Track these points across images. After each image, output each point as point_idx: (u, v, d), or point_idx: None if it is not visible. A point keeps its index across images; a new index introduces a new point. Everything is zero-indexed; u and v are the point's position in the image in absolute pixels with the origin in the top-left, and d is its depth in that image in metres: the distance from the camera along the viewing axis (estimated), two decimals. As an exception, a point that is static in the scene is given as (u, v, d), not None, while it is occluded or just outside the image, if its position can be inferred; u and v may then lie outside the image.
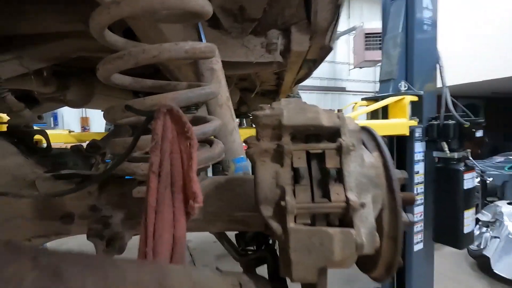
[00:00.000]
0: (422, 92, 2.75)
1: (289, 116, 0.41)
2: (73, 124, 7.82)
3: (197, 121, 0.70)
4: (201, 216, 0.59)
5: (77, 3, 1.03)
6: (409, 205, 0.56)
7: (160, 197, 0.32)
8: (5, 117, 1.08)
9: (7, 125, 0.72)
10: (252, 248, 0.71)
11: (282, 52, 1.36)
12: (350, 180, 0.41)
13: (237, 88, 2.63)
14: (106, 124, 3.59)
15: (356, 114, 2.64)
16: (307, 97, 10.88)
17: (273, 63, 1.36)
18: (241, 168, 0.78)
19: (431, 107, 2.80)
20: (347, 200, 0.40)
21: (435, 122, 2.68)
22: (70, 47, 1.03)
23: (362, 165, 0.44)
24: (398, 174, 0.48)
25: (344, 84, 11.96)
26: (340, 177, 0.42)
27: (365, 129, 0.54)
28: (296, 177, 0.40)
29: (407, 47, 2.83)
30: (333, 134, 0.44)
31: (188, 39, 1.19)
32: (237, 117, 3.84)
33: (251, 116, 3.91)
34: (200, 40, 0.86)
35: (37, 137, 0.83)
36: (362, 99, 3.06)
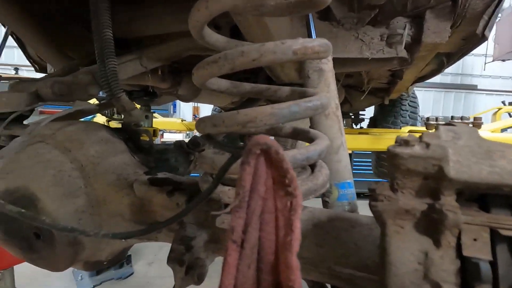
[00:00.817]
0: None
1: (459, 165, 0.24)
2: (187, 112, 9.01)
3: (296, 135, 0.58)
4: (292, 260, 0.46)
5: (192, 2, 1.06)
6: None
7: (240, 279, 0.21)
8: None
9: (121, 122, 0.76)
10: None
11: (409, 45, 1.09)
12: None
13: (342, 86, 2.39)
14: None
15: (503, 125, 2.02)
16: (422, 95, 9.36)
17: (394, 59, 1.11)
18: (346, 196, 0.62)
19: None
20: None
21: None
22: (182, 47, 1.06)
23: None
24: None
25: (475, 81, 9.69)
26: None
27: None
28: (467, 273, 0.23)
29: None
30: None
31: (295, 35, 1.07)
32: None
33: (352, 116, 3.55)
34: (310, 35, 0.73)
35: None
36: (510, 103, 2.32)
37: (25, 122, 0.82)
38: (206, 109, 8.12)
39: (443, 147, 0.26)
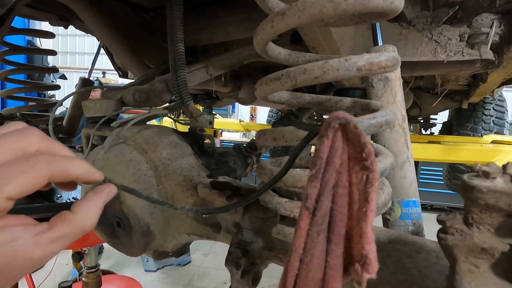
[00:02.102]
0: None
1: (554, 205, 0.21)
2: (245, 112, 9.29)
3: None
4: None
5: (254, 12, 1.09)
6: None
7: (309, 243, 0.22)
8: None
9: (188, 127, 0.84)
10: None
11: (496, 45, 0.95)
12: None
13: (410, 89, 2.19)
14: (268, 116, 3.96)
15: None
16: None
17: (476, 61, 0.98)
18: (410, 216, 0.58)
19: None
20: None
21: None
22: (244, 54, 1.11)
23: None
24: None
25: None
26: None
27: None
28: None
29: None
30: None
31: (358, 39, 1.03)
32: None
33: (422, 120, 3.21)
34: (376, 41, 0.69)
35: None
36: None
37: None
38: (263, 110, 8.26)
39: (532, 183, 0.22)
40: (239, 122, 3.40)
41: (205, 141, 0.83)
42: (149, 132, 0.76)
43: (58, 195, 1.32)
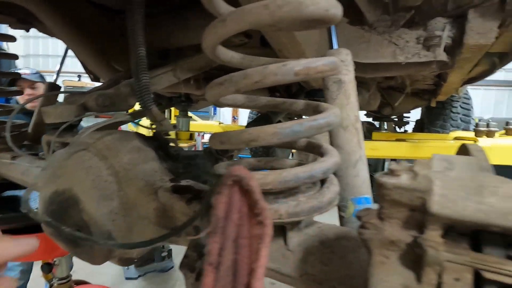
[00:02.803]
0: None
1: (444, 199, 0.23)
2: (227, 114, 9.27)
3: (311, 149, 0.58)
4: (296, 274, 0.47)
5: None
6: None
7: None
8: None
9: (153, 131, 0.83)
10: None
11: (449, 48, 1.00)
12: None
13: (381, 87, 2.26)
14: (248, 117, 3.98)
15: None
16: (481, 95, 8.44)
17: (432, 63, 1.03)
18: (364, 212, 0.60)
19: None
20: None
21: None
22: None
23: None
24: None
25: (548, 77, 8.44)
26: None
27: None
28: (446, 314, 0.22)
29: None
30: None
31: (323, 42, 1.06)
32: (376, 120, 3.38)
33: (395, 118, 3.33)
34: (331, 44, 0.72)
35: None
36: None
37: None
38: (245, 112, 8.27)
39: (429, 178, 0.24)
40: (218, 124, 3.40)
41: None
42: (110, 138, 0.75)
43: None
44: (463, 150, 0.37)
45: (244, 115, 8.41)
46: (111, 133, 0.78)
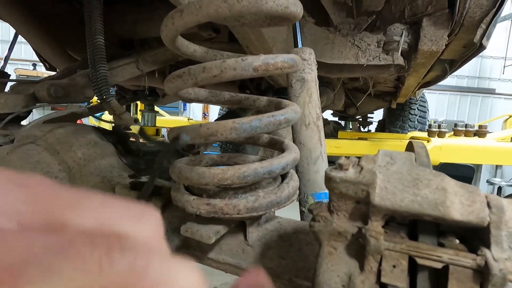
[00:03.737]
0: None
1: (385, 191, 0.24)
2: (197, 110, 9.08)
3: (273, 145, 0.59)
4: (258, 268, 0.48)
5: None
6: None
7: None
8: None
9: (112, 125, 0.79)
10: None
11: (405, 52, 1.07)
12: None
13: (346, 88, 2.36)
14: (218, 114, 3.93)
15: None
16: (436, 98, 9.11)
17: (390, 66, 1.09)
18: (323, 207, 0.62)
19: None
20: None
21: None
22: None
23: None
24: None
25: (493, 85, 9.34)
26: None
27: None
28: (384, 299, 0.24)
29: None
30: (473, 235, 0.24)
31: (291, 42, 1.07)
32: (342, 119, 3.52)
33: (360, 118, 3.49)
34: (296, 42, 0.73)
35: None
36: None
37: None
38: (216, 108, 8.16)
39: (373, 172, 0.26)
40: (187, 120, 3.32)
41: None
42: (62, 131, 0.70)
43: None
44: (410, 147, 0.40)
45: (215, 111, 8.30)
46: (63, 126, 0.72)
